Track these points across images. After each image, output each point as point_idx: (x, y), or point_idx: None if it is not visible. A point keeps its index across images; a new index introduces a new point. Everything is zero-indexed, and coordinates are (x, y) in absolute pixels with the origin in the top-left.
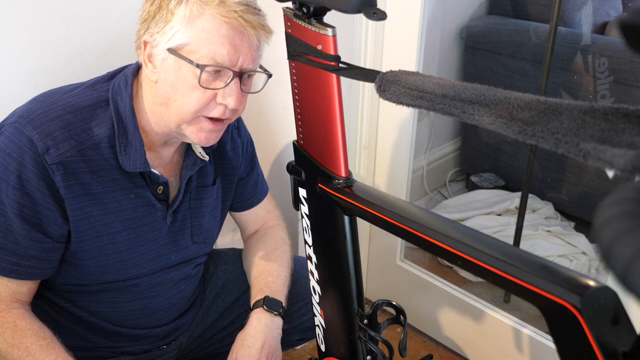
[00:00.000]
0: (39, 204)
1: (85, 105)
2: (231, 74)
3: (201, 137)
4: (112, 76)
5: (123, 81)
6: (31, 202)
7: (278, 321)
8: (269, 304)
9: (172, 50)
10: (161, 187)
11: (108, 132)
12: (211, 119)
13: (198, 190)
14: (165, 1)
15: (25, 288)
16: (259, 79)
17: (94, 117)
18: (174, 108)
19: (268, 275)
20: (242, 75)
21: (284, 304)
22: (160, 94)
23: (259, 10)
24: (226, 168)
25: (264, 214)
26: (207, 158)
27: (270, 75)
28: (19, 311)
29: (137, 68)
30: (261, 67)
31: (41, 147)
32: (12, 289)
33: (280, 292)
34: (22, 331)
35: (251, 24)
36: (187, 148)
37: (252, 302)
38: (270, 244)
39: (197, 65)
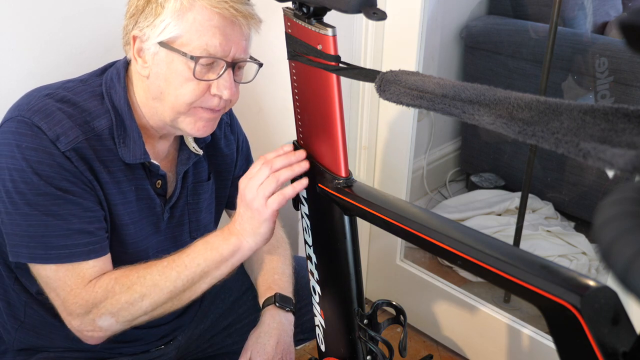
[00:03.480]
0: (77, 182)
1: (82, 99)
2: (224, 64)
3: (199, 126)
4: (103, 71)
5: (115, 75)
6: (71, 182)
7: (290, 317)
8: (281, 300)
9: (163, 44)
10: (159, 181)
11: (108, 124)
12: (207, 109)
13: (195, 186)
14: None
15: (108, 261)
16: (249, 69)
17: (91, 111)
18: (168, 101)
19: (274, 273)
20: (234, 66)
21: (293, 300)
22: (153, 88)
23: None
24: (220, 164)
25: None
26: (200, 152)
27: (261, 65)
28: (108, 273)
29: (126, 62)
30: (251, 57)
31: (51, 135)
32: (99, 267)
33: (287, 289)
34: (124, 272)
35: (242, 14)
36: (181, 143)
37: (262, 299)
38: (271, 242)
39: (191, 57)
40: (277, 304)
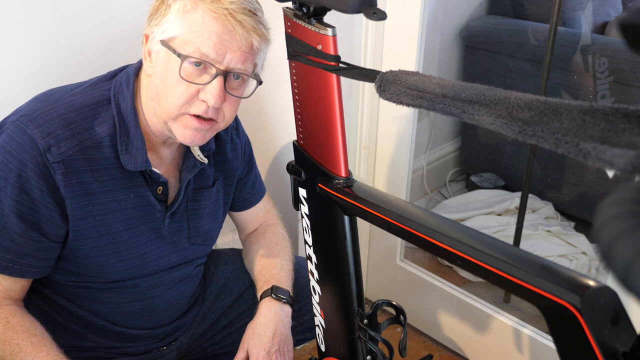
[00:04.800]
0: (37, 203)
1: (87, 104)
2: (215, 70)
3: (186, 135)
4: (113, 75)
5: (125, 80)
6: (29, 201)
7: (287, 309)
8: (277, 292)
9: (163, 42)
10: (161, 188)
11: (110, 131)
12: (196, 117)
13: (195, 192)
14: None
15: (18, 286)
16: (252, 85)
17: (95, 116)
18: (162, 102)
19: (272, 268)
20: (227, 75)
21: (291, 294)
22: (152, 87)
23: (256, 14)
24: (227, 170)
25: (263, 214)
26: (206, 161)
27: (260, 82)
28: (11, 308)
29: (138, 67)
30: (255, 74)
31: (43, 146)
32: (5, 286)
33: (285, 284)
34: (14, 327)
35: (241, 24)
36: (187, 150)
37: (259, 293)
38: (271, 240)
39: (179, 55)
40: (273, 296)
